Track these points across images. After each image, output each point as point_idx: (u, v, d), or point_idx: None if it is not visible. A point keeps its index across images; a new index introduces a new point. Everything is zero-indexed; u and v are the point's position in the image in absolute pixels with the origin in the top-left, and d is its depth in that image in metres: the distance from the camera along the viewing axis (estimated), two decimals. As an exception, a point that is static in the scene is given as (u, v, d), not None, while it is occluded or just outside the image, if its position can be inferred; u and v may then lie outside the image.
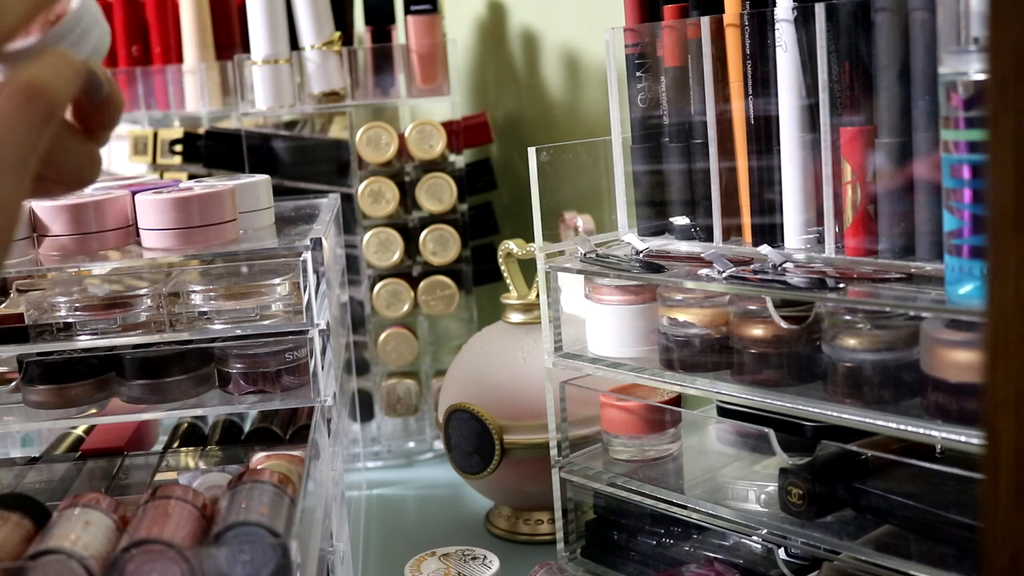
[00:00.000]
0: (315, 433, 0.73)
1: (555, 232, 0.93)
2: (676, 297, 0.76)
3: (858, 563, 0.65)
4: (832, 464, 0.69)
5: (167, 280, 0.75)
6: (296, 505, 0.63)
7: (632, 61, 0.82)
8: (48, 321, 0.72)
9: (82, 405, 0.74)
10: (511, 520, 0.97)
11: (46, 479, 0.78)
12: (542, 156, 0.83)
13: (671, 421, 0.83)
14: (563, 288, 0.85)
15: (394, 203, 1.13)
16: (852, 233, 0.69)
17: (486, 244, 1.21)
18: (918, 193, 0.65)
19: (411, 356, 1.16)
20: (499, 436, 0.91)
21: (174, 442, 0.87)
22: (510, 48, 1.30)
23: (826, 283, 0.65)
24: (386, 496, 1.09)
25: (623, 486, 0.81)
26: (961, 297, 0.58)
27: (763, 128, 0.74)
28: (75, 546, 0.57)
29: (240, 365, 0.74)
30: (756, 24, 0.73)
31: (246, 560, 0.56)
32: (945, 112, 0.58)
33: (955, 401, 0.59)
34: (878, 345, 0.64)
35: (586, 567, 0.86)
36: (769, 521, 0.71)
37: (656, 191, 0.83)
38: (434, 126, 1.13)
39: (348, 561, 0.80)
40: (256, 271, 0.76)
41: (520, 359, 0.94)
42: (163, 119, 1.35)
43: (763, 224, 0.76)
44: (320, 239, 0.74)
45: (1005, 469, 0.39)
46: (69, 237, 0.75)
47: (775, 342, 0.70)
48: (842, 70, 0.69)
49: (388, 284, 1.14)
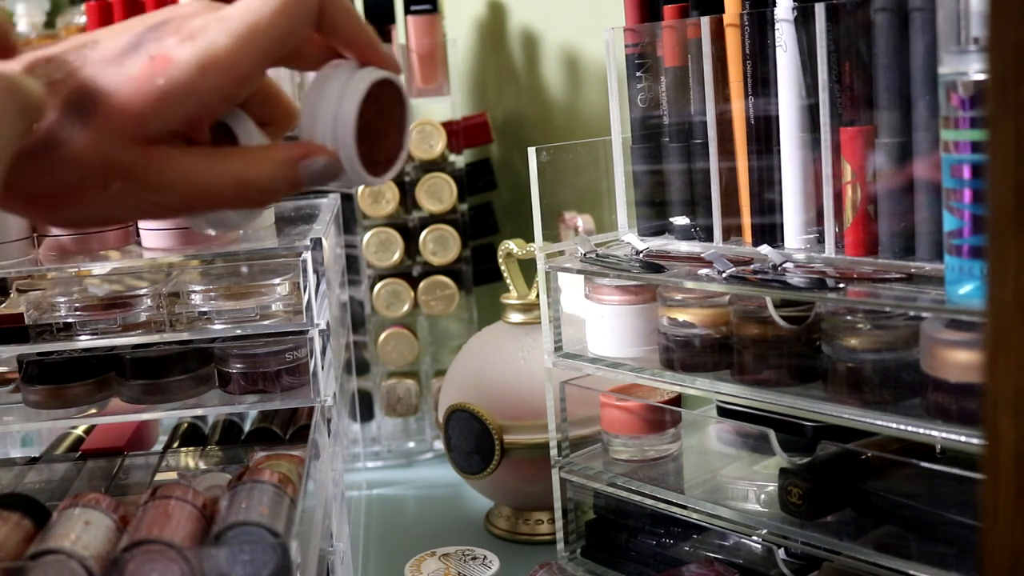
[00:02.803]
0: (315, 433, 0.73)
1: (555, 232, 0.93)
2: (676, 297, 0.76)
3: (858, 563, 0.65)
4: (832, 464, 0.69)
5: (167, 280, 0.75)
6: (296, 505, 0.63)
7: (632, 61, 0.82)
8: (48, 321, 0.72)
9: (82, 405, 0.74)
10: (511, 520, 0.97)
11: (46, 479, 0.78)
12: (542, 156, 0.83)
13: (671, 421, 0.83)
14: (563, 288, 0.85)
15: (394, 203, 1.13)
16: (852, 233, 0.69)
17: (486, 244, 1.21)
18: (918, 193, 0.65)
19: (411, 356, 1.16)
20: (499, 436, 0.91)
21: (174, 442, 0.87)
22: (510, 48, 1.30)
23: (826, 283, 0.65)
24: (386, 496, 1.09)
25: (623, 486, 0.81)
26: (961, 297, 0.58)
27: (763, 128, 0.74)
28: (75, 546, 0.57)
29: (240, 365, 0.74)
30: (756, 24, 0.73)
31: (246, 560, 0.56)
32: (945, 112, 0.58)
33: (955, 401, 0.59)
34: (878, 345, 0.64)
35: (586, 567, 0.86)
36: (769, 521, 0.71)
37: (656, 191, 0.83)
38: (434, 126, 1.13)
39: (348, 561, 0.80)
40: (256, 271, 0.76)
41: (520, 359, 0.94)
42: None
43: (763, 224, 0.76)
44: (320, 239, 0.74)
45: (1005, 469, 0.39)
46: (69, 237, 0.75)
47: (775, 342, 0.70)
48: (842, 70, 0.69)
49: (388, 284, 1.14)
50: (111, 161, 0.45)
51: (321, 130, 0.50)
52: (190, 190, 0.47)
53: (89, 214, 0.48)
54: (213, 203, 0.49)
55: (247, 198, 0.49)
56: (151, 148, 0.46)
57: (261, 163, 0.49)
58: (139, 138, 0.46)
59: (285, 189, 0.49)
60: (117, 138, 0.45)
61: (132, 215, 0.52)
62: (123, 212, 0.48)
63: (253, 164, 0.49)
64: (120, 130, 0.45)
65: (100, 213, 0.48)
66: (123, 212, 0.48)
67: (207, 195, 0.48)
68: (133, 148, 0.46)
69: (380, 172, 0.53)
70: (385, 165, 0.53)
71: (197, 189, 0.47)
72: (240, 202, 0.49)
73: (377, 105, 0.51)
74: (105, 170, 0.46)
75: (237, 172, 0.48)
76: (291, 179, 0.49)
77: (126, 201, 0.47)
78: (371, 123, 0.51)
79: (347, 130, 0.49)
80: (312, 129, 0.50)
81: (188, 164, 0.47)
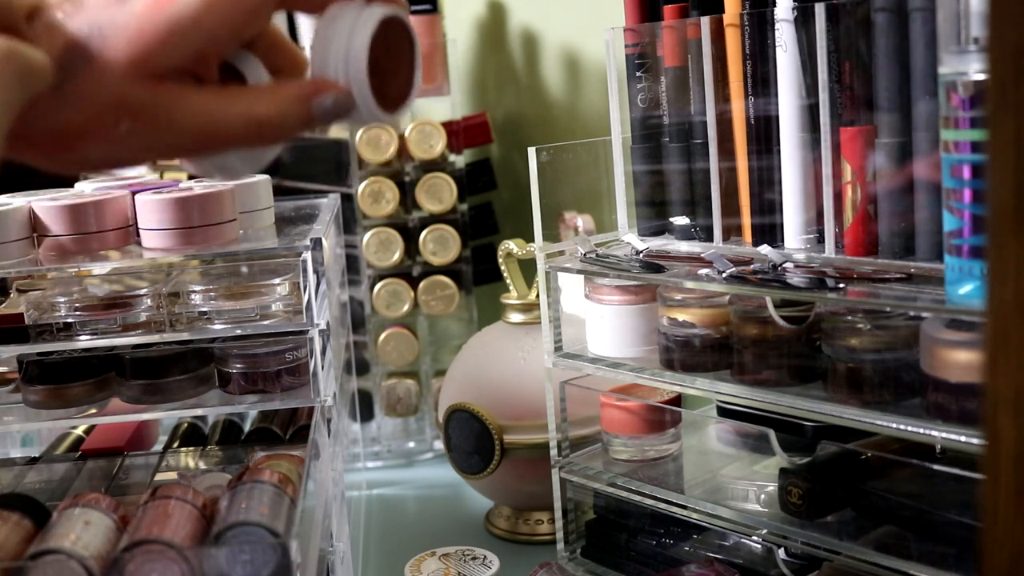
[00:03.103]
0: (315, 433, 0.73)
1: (555, 232, 0.93)
2: (676, 297, 0.76)
3: (858, 563, 0.65)
4: (832, 464, 0.69)
5: (167, 280, 0.75)
6: (296, 505, 0.63)
7: (632, 61, 0.82)
8: (48, 321, 0.72)
9: (82, 405, 0.74)
10: (511, 520, 0.97)
11: (46, 479, 0.78)
12: (542, 156, 0.83)
13: (671, 421, 0.83)
14: (563, 288, 0.85)
15: (394, 203, 1.13)
16: (852, 233, 0.69)
17: (486, 244, 1.21)
18: (918, 193, 0.65)
19: (411, 356, 1.16)
20: (499, 436, 0.91)
21: (174, 442, 0.87)
22: (510, 48, 1.30)
23: (826, 283, 0.65)
24: (386, 496, 1.09)
25: (623, 486, 0.81)
26: (961, 297, 0.58)
27: (763, 128, 0.74)
28: (75, 546, 0.57)
29: (240, 365, 0.74)
30: (756, 24, 0.73)
31: (246, 560, 0.56)
32: (945, 112, 0.58)
33: (955, 401, 0.59)
34: (878, 345, 0.64)
35: (586, 567, 0.86)
36: (769, 521, 0.71)
37: (656, 191, 0.83)
38: (434, 126, 1.13)
39: (348, 561, 0.80)
40: (256, 271, 0.76)
41: (520, 359, 0.94)
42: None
43: (763, 224, 0.76)
44: (320, 239, 0.74)
45: (1005, 469, 0.39)
46: (69, 237, 0.75)
47: (775, 342, 0.70)
48: (842, 70, 0.69)
49: (388, 284, 1.14)
50: (120, 99, 0.45)
51: (332, 67, 0.50)
52: (201, 128, 0.47)
53: (100, 156, 0.47)
54: (224, 142, 0.48)
55: (259, 136, 0.48)
56: (160, 85, 0.46)
57: (272, 100, 0.48)
58: (147, 75, 0.45)
59: (297, 126, 0.49)
60: (125, 76, 0.45)
61: (143, 156, 0.51)
62: (134, 153, 0.48)
63: (264, 101, 0.48)
64: (128, 67, 0.45)
65: (111, 155, 0.48)
66: (134, 153, 0.48)
67: (218, 133, 0.47)
68: (141, 85, 0.45)
69: (392, 109, 0.53)
70: (397, 101, 0.53)
71: (208, 127, 0.47)
72: (252, 140, 0.48)
73: (386, 43, 0.51)
74: (114, 109, 0.45)
75: (248, 109, 0.48)
76: (303, 116, 0.49)
77: (137, 141, 0.46)
78: (380, 61, 0.51)
79: (359, 64, 0.49)
80: (323, 67, 0.50)
81: (198, 101, 0.47)
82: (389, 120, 0.52)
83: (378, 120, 0.52)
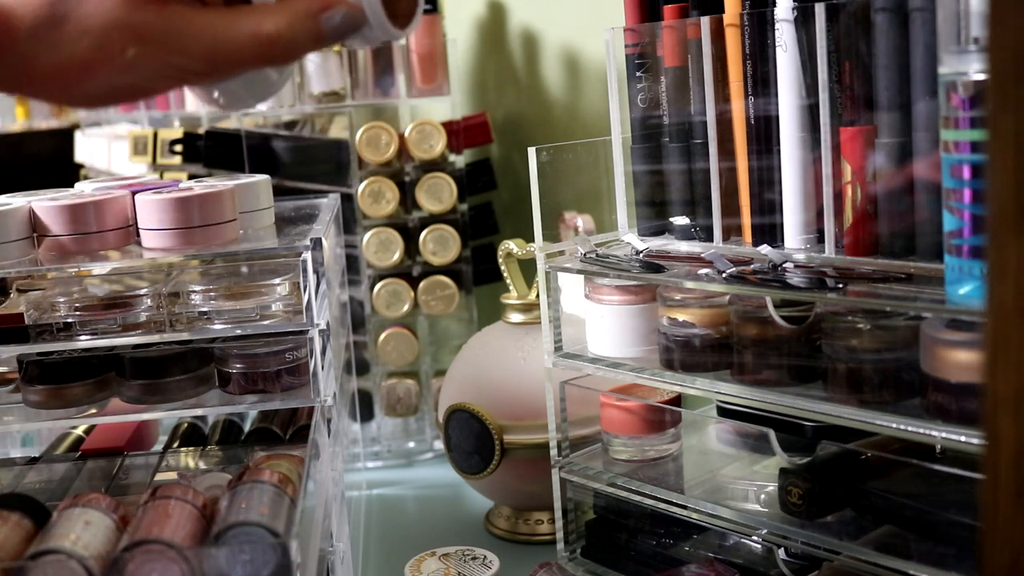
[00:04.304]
0: (315, 433, 0.73)
1: (555, 232, 0.93)
2: (676, 297, 0.76)
3: (858, 563, 0.65)
4: (832, 464, 0.69)
5: (167, 280, 0.75)
6: (296, 505, 0.63)
7: (632, 61, 0.82)
8: (48, 321, 0.72)
9: (82, 405, 0.74)
10: (511, 520, 0.97)
11: (46, 479, 0.78)
12: (542, 156, 0.83)
13: (671, 421, 0.83)
14: (563, 288, 0.85)
15: (394, 203, 1.13)
16: (852, 233, 0.69)
17: (486, 244, 1.21)
18: (918, 193, 0.65)
19: (411, 356, 1.16)
20: (499, 436, 0.91)
21: (174, 442, 0.87)
22: (510, 48, 1.30)
23: (826, 283, 0.65)
24: (386, 496, 1.09)
25: (623, 486, 0.81)
26: (961, 297, 0.58)
27: (763, 128, 0.74)
28: (75, 546, 0.57)
29: (240, 365, 0.74)
30: (756, 24, 0.73)
31: (246, 560, 0.56)
32: (945, 112, 0.58)
33: (955, 401, 0.59)
34: (878, 345, 0.64)
35: (586, 567, 0.86)
36: (769, 521, 0.71)
37: (656, 191, 0.83)
38: (434, 126, 1.13)
39: (348, 561, 0.80)
40: (256, 271, 0.76)
41: (520, 359, 0.94)
42: (163, 119, 1.35)
43: (763, 224, 0.76)
44: (320, 239, 0.74)
45: (1005, 469, 0.39)
46: (69, 237, 0.75)
47: (775, 342, 0.70)
48: (842, 70, 0.69)
49: (388, 284, 1.14)
50: (124, 23, 0.44)
51: None
52: (210, 48, 0.46)
53: (111, 86, 0.47)
54: (234, 62, 0.47)
55: (270, 54, 0.48)
56: (165, 6, 0.45)
57: (281, 16, 0.48)
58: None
59: (307, 43, 0.48)
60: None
61: (153, 83, 0.50)
62: (144, 81, 0.47)
63: (272, 17, 0.48)
64: None
65: (121, 84, 0.47)
66: (144, 81, 0.47)
67: (227, 53, 0.47)
68: (145, 7, 0.45)
69: (401, 25, 0.52)
70: (405, 18, 0.53)
71: (217, 47, 0.46)
72: (262, 59, 0.48)
73: None
74: (120, 33, 0.45)
75: (256, 26, 0.47)
76: (313, 31, 0.48)
77: (146, 66, 0.46)
78: None
79: None
80: None
81: (205, 21, 0.46)
82: (397, 36, 0.52)
83: (388, 37, 0.51)
